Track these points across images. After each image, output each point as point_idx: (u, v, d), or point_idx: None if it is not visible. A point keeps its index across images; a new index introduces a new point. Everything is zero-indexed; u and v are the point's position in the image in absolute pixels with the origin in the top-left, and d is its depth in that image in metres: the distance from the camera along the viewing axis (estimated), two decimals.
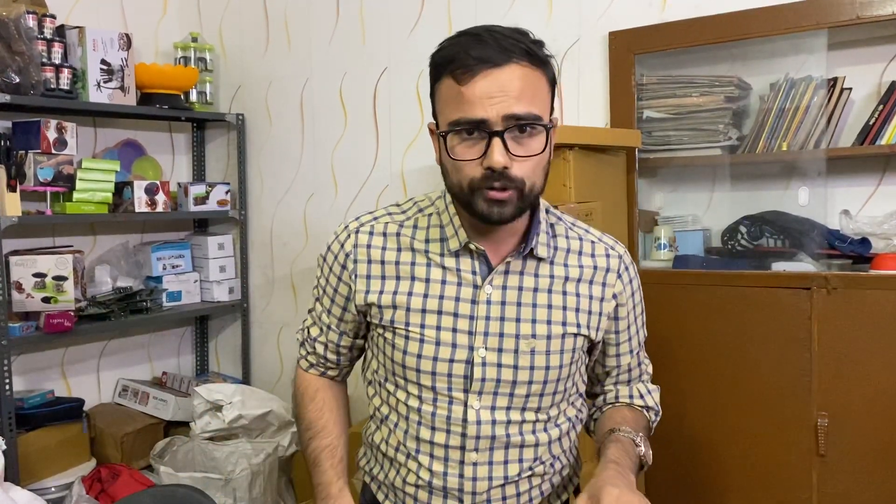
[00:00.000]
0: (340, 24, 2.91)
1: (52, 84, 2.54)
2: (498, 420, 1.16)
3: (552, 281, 1.19)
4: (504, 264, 1.17)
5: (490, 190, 1.07)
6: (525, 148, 1.07)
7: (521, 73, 1.06)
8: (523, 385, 1.16)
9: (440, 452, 1.18)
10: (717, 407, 2.17)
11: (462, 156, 1.08)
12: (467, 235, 1.16)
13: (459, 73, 1.06)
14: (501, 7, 2.56)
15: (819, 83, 2.11)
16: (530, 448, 1.20)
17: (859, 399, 1.97)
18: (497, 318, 1.16)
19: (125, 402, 2.97)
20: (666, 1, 2.30)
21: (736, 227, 2.24)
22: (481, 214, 1.10)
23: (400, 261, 1.20)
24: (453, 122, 1.07)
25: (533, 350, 1.16)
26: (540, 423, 1.20)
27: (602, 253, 1.24)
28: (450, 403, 1.16)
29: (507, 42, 1.06)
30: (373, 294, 1.20)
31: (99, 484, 2.56)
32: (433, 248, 1.19)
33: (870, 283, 1.95)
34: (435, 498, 1.19)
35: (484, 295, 1.16)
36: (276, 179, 3.13)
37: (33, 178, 2.48)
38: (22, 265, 2.50)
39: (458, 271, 1.17)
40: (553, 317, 1.18)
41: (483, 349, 1.15)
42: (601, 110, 2.41)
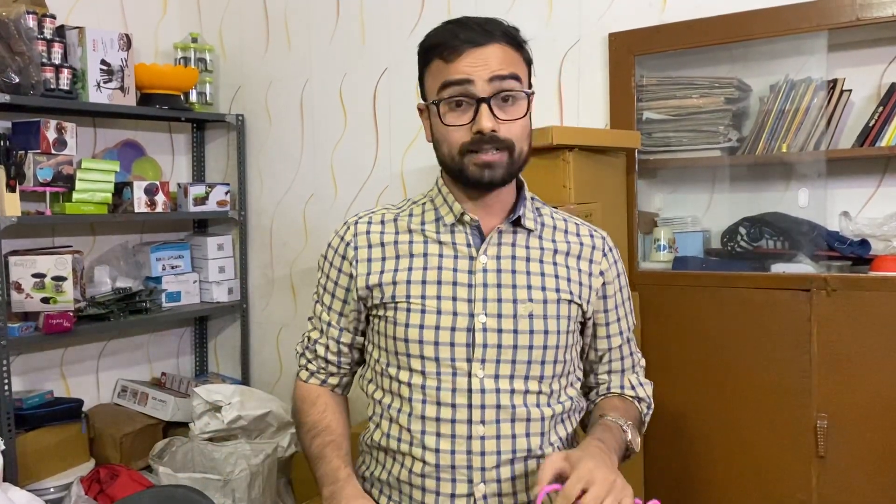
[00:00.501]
0: (340, 25, 2.91)
1: (52, 84, 2.54)
2: (502, 389, 1.19)
3: (542, 252, 1.27)
4: (496, 234, 1.25)
5: (481, 154, 1.17)
6: (509, 113, 1.19)
7: (502, 50, 1.20)
8: (524, 350, 1.21)
9: (447, 429, 1.19)
10: (716, 408, 2.17)
11: (453, 122, 1.18)
12: (461, 207, 1.24)
13: (447, 54, 1.18)
14: (501, 8, 2.56)
15: (819, 85, 2.11)
16: (536, 422, 1.21)
17: (859, 401, 1.97)
18: (494, 284, 1.22)
19: (124, 402, 2.97)
20: (666, 2, 2.30)
21: (735, 229, 2.24)
22: (472, 178, 1.19)
23: (398, 241, 1.27)
24: (442, 85, 1.18)
25: (531, 314, 1.21)
26: (543, 395, 1.23)
27: (587, 233, 1.33)
28: (454, 375, 1.19)
29: (488, 26, 1.20)
30: (374, 275, 1.25)
31: (98, 484, 2.56)
32: (429, 227, 1.27)
33: (869, 285, 1.95)
34: (443, 482, 1.19)
35: (480, 264, 1.23)
36: (276, 180, 3.13)
37: (33, 178, 2.47)
38: (21, 265, 2.50)
39: (454, 244, 1.24)
40: (547, 283, 1.24)
41: (483, 315, 1.20)
42: (601, 111, 2.41)
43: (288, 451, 2.69)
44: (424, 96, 1.26)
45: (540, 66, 2.51)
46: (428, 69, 1.23)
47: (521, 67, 1.23)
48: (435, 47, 1.20)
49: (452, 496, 1.19)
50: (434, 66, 1.21)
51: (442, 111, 1.19)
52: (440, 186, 1.29)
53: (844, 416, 1.99)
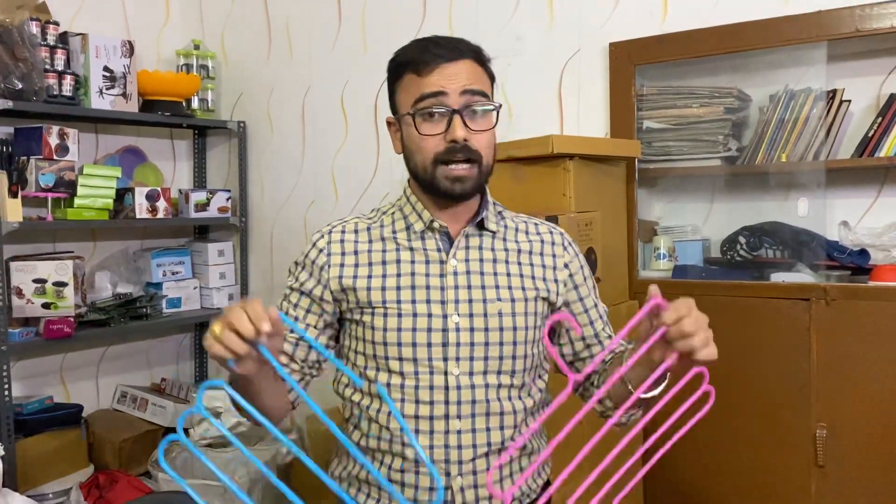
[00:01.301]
0: (342, 33, 2.93)
1: (55, 90, 2.55)
2: (477, 384, 1.25)
3: (507, 253, 1.33)
4: (464, 238, 1.31)
5: (452, 165, 1.24)
6: (479, 125, 1.25)
7: (471, 66, 1.27)
8: (495, 346, 1.27)
9: (425, 426, 1.25)
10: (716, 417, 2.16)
11: (428, 131, 1.24)
12: (430, 215, 1.30)
13: (420, 68, 1.25)
14: (502, 17, 2.58)
15: (818, 95, 2.12)
16: (510, 415, 1.28)
17: (858, 410, 1.97)
18: (464, 286, 1.28)
19: (124, 408, 2.97)
20: (666, 12, 2.31)
21: (735, 238, 2.24)
22: (444, 191, 1.25)
23: (371, 249, 1.32)
24: (417, 98, 1.24)
25: (500, 312, 1.28)
26: (515, 388, 1.29)
27: (546, 231, 1.40)
28: (431, 373, 1.25)
29: (458, 44, 1.28)
30: (348, 279, 1.30)
31: (97, 490, 2.56)
32: (400, 235, 1.32)
33: (868, 295, 1.95)
34: (422, 477, 1.25)
35: (450, 267, 1.29)
36: (277, 187, 3.13)
37: (35, 183, 2.48)
38: (22, 271, 2.50)
39: (425, 250, 1.30)
40: (513, 282, 1.31)
41: (456, 315, 1.26)
42: (601, 120, 2.42)
43: (288, 457, 2.69)
44: (395, 110, 1.32)
45: (541, 75, 2.53)
46: (400, 83, 1.29)
47: (488, 84, 1.31)
48: (407, 63, 1.27)
49: (431, 489, 1.25)
50: (406, 80, 1.27)
51: (417, 122, 1.25)
52: (408, 196, 1.35)
53: (844, 426, 1.99)
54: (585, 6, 2.43)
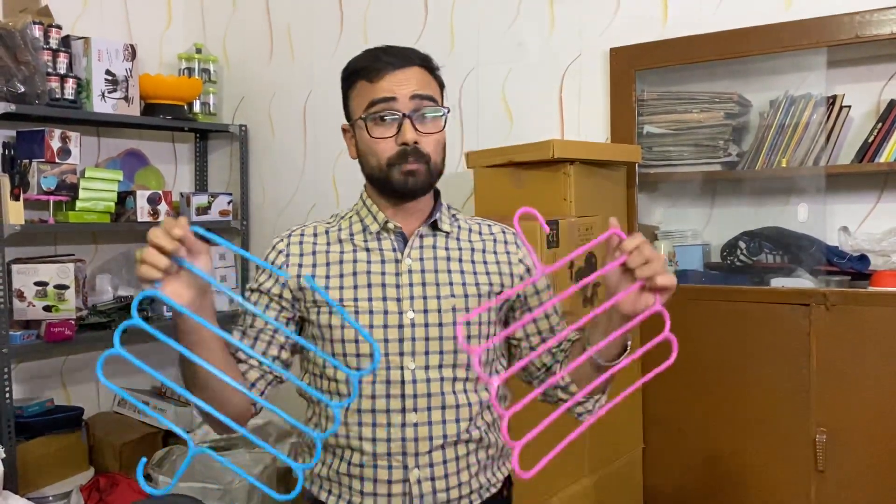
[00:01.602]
0: (344, 37, 2.93)
1: (57, 94, 2.56)
2: (432, 378, 1.29)
3: (460, 252, 1.38)
4: (417, 238, 1.36)
5: (405, 164, 1.29)
6: (428, 128, 1.32)
7: (420, 73, 1.33)
8: (450, 341, 1.31)
9: (382, 419, 1.28)
10: (715, 422, 2.17)
11: (380, 135, 1.30)
12: (385, 216, 1.35)
13: (371, 75, 1.30)
14: (503, 23, 2.58)
15: (818, 100, 2.12)
16: (465, 408, 1.31)
17: (858, 415, 1.97)
18: (419, 283, 1.32)
19: (124, 411, 2.97)
20: (667, 18, 2.32)
21: (735, 243, 2.25)
22: (398, 186, 1.31)
23: (329, 250, 1.36)
24: (369, 104, 1.30)
25: (454, 308, 1.31)
26: (470, 381, 1.33)
27: (499, 231, 1.44)
28: (387, 368, 1.29)
29: (407, 52, 1.33)
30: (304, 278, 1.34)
31: (97, 493, 2.56)
32: (357, 237, 1.37)
33: (868, 300, 1.96)
34: (380, 470, 1.28)
35: (405, 266, 1.33)
36: (278, 190, 3.14)
37: (37, 186, 2.49)
38: (24, 273, 2.51)
39: (381, 250, 1.35)
40: (467, 280, 1.35)
41: (411, 311, 1.30)
42: (602, 125, 2.42)
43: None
44: (349, 117, 1.37)
45: (541, 80, 2.53)
46: (352, 91, 1.35)
47: (437, 90, 1.36)
48: (359, 70, 1.33)
49: (389, 482, 1.29)
50: (358, 87, 1.33)
51: (369, 126, 1.30)
52: (364, 199, 1.40)
53: (843, 431, 1.99)
54: (586, 12, 2.44)
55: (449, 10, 2.70)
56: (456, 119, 2.67)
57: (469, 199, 2.59)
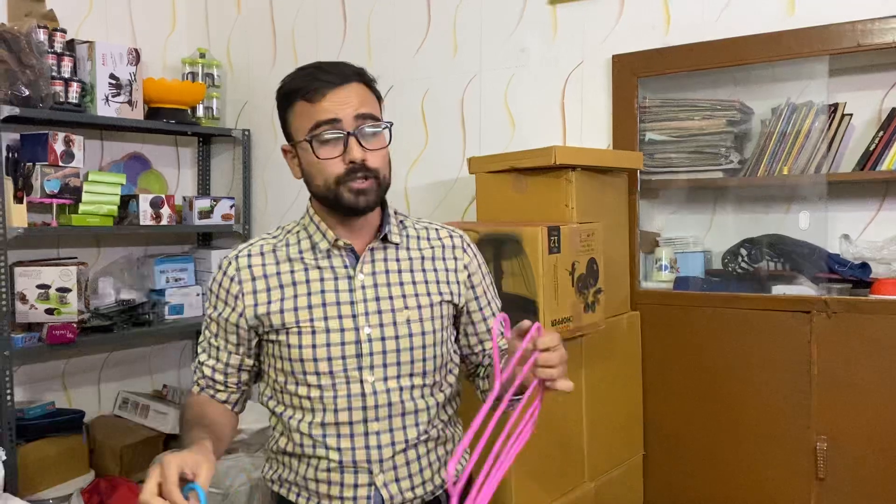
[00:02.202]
0: (347, 43, 2.94)
1: (61, 97, 2.57)
2: (391, 388, 1.33)
3: (411, 262, 1.40)
4: (368, 252, 1.37)
5: (354, 182, 1.29)
6: (373, 144, 1.32)
7: (359, 89, 1.33)
8: (406, 352, 1.34)
9: (346, 430, 1.32)
10: (715, 428, 2.17)
11: (327, 155, 1.30)
12: (334, 234, 1.36)
13: (310, 95, 1.30)
14: (506, 29, 2.59)
15: (820, 108, 2.13)
16: (423, 412, 1.37)
17: (858, 423, 1.97)
18: (373, 298, 1.35)
19: (125, 414, 2.97)
20: (669, 25, 2.33)
21: (737, 250, 2.25)
22: (348, 205, 1.31)
23: (280, 271, 1.36)
24: (313, 126, 1.30)
25: (408, 320, 1.35)
26: (427, 387, 1.37)
27: (446, 235, 1.47)
28: (347, 383, 1.32)
29: (343, 69, 1.34)
30: (261, 306, 1.35)
31: (98, 496, 2.56)
32: (307, 255, 1.37)
33: (869, 308, 1.96)
34: (346, 475, 1.33)
35: (358, 282, 1.35)
36: (280, 195, 3.15)
37: (40, 189, 2.50)
38: (26, 276, 2.51)
39: (332, 268, 1.36)
40: (419, 290, 1.38)
41: (367, 327, 1.33)
42: (604, 132, 2.43)
43: None
44: (289, 137, 1.38)
45: (544, 87, 2.54)
46: (291, 111, 1.34)
47: (376, 105, 1.36)
48: (296, 91, 1.32)
49: (355, 486, 1.33)
50: (298, 108, 1.32)
51: (315, 147, 1.30)
52: (311, 216, 1.39)
53: (844, 439, 1.99)
54: (589, 19, 2.45)
55: (452, 15, 2.71)
56: (458, 124, 2.68)
57: (471, 205, 2.59)
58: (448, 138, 2.70)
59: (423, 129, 2.76)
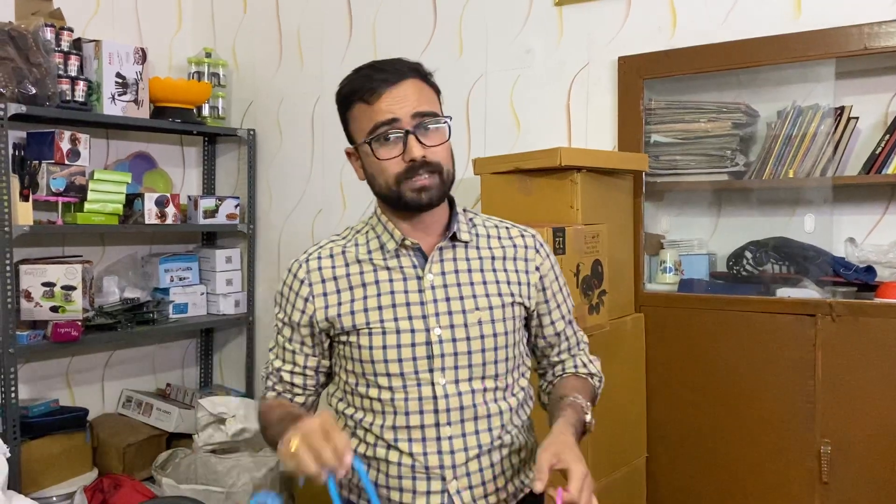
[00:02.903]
0: (353, 44, 2.95)
1: (68, 96, 2.58)
2: (463, 391, 1.31)
3: (481, 261, 1.37)
4: (437, 252, 1.35)
5: (416, 179, 1.28)
6: (433, 140, 1.30)
7: (416, 85, 1.31)
8: (478, 354, 1.31)
9: (417, 434, 1.30)
10: (719, 432, 2.17)
11: (386, 155, 1.28)
12: (402, 233, 1.34)
13: (367, 96, 1.29)
14: (512, 30, 2.59)
15: (826, 112, 2.12)
16: (496, 416, 1.33)
17: (863, 427, 1.97)
18: (443, 299, 1.32)
19: (129, 412, 2.98)
20: (675, 27, 2.32)
21: (741, 253, 2.24)
22: (411, 202, 1.29)
23: (350, 273, 1.36)
24: (372, 128, 1.28)
25: (480, 321, 1.32)
26: (499, 391, 1.34)
27: (517, 235, 1.44)
28: (418, 385, 1.30)
29: (399, 65, 1.32)
30: (332, 308, 1.34)
31: (101, 494, 2.56)
32: (375, 256, 1.36)
33: (874, 312, 1.95)
34: (419, 481, 1.30)
35: (427, 282, 1.33)
36: (286, 194, 3.15)
37: (46, 187, 2.50)
38: (31, 274, 2.52)
39: (401, 268, 1.34)
40: (490, 290, 1.35)
41: (438, 328, 1.31)
42: (609, 134, 2.43)
43: None
44: (351, 140, 1.37)
45: (549, 88, 2.54)
46: (350, 114, 1.34)
47: (435, 100, 1.35)
48: (354, 93, 1.31)
49: (428, 493, 1.30)
50: (357, 110, 1.31)
51: (374, 148, 1.29)
52: (378, 216, 1.38)
53: (848, 443, 1.98)
54: (595, 20, 2.45)
55: (458, 17, 2.71)
56: (463, 126, 2.68)
57: (476, 206, 2.59)
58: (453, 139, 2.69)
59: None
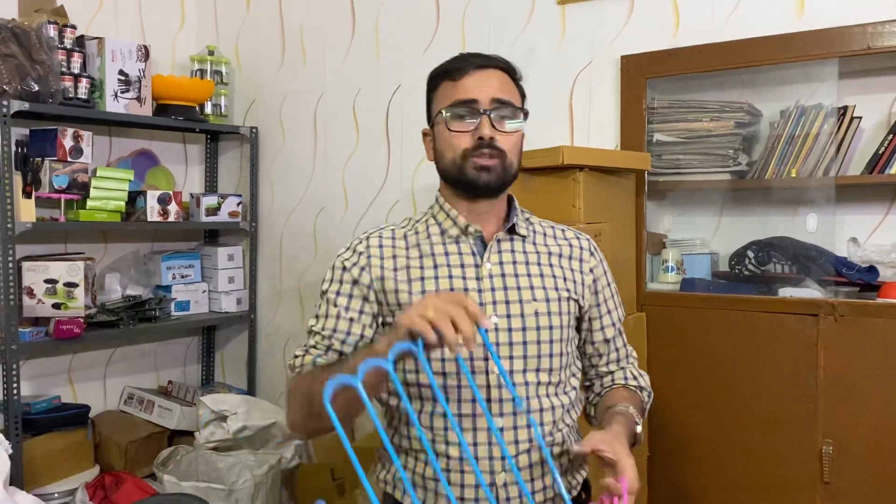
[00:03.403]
0: (356, 42, 2.95)
1: (71, 93, 2.58)
2: (517, 383, 1.30)
3: (538, 255, 1.39)
4: (496, 242, 1.36)
5: (479, 158, 1.30)
6: (506, 127, 1.32)
7: (501, 76, 1.35)
8: (533, 345, 1.31)
9: (468, 423, 1.28)
10: (721, 431, 2.16)
11: (458, 128, 1.31)
12: (465, 220, 1.36)
13: (454, 75, 1.33)
14: (515, 29, 2.59)
15: (829, 111, 2.12)
16: (548, 412, 1.32)
17: (864, 427, 1.96)
18: (501, 287, 1.32)
19: (130, 409, 2.98)
20: (678, 26, 2.32)
21: (744, 252, 2.24)
22: (471, 179, 1.31)
23: (409, 255, 1.36)
24: (451, 104, 1.32)
25: (536, 312, 1.32)
26: (552, 385, 1.34)
27: (572, 236, 1.46)
28: (472, 373, 1.29)
29: (492, 57, 1.36)
30: (389, 281, 1.34)
31: (102, 491, 2.57)
32: (435, 241, 1.37)
33: (877, 312, 1.95)
34: (466, 474, 1.28)
35: (485, 270, 1.34)
36: (288, 193, 3.15)
37: (48, 184, 2.50)
38: (34, 271, 2.52)
39: (460, 254, 1.35)
40: (546, 283, 1.36)
41: (494, 316, 1.30)
42: (612, 132, 2.42)
43: (292, 462, 2.70)
44: (430, 118, 1.40)
45: (552, 87, 2.54)
46: (435, 93, 1.38)
47: (517, 96, 1.37)
48: (442, 73, 1.36)
49: (476, 486, 1.28)
50: (442, 88, 1.36)
51: (448, 120, 1.32)
52: (441, 203, 1.40)
53: (850, 443, 1.98)
54: (597, 19, 2.45)
55: (460, 15, 2.70)
56: None
57: None
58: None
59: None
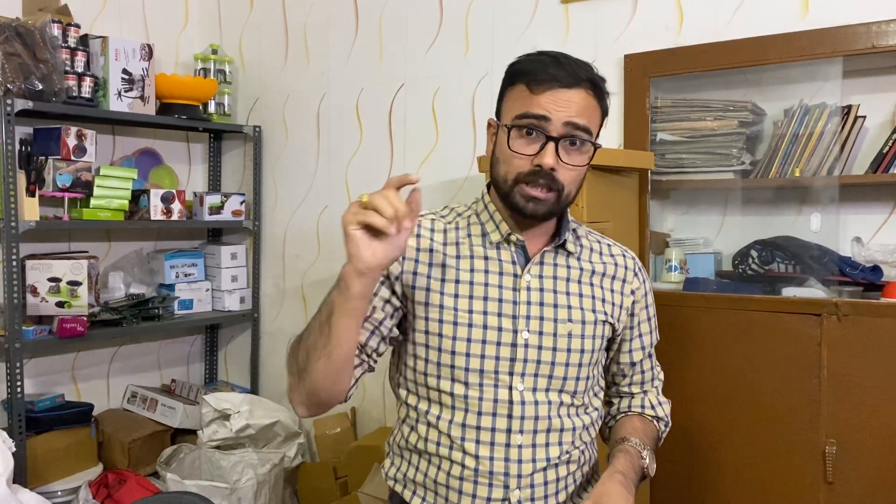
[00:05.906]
0: (359, 41, 2.95)
1: (74, 92, 2.58)
2: (540, 401, 1.26)
3: (581, 273, 1.33)
4: (541, 255, 1.30)
5: (532, 186, 1.21)
6: (572, 158, 1.23)
7: (585, 97, 1.23)
8: (561, 367, 1.27)
9: (486, 437, 1.25)
10: (724, 431, 2.16)
11: (519, 149, 1.22)
12: (508, 227, 1.29)
13: (533, 84, 1.22)
14: (518, 27, 2.59)
15: (833, 110, 2.11)
16: (568, 432, 1.29)
17: (868, 427, 1.96)
18: (537, 303, 1.27)
19: (133, 408, 2.99)
20: (682, 25, 2.32)
21: (747, 252, 2.24)
22: (517, 206, 1.24)
23: (447, 253, 1.30)
24: (520, 115, 1.22)
25: (570, 333, 1.28)
26: (574, 407, 1.31)
27: (619, 254, 1.40)
28: (496, 386, 1.25)
29: (579, 70, 1.23)
30: (421, 277, 1.28)
31: (105, 489, 2.57)
32: (476, 242, 1.31)
33: (880, 311, 1.94)
34: (480, 486, 1.25)
35: (524, 282, 1.28)
36: (291, 191, 3.15)
37: (52, 183, 2.51)
38: (37, 269, 2.53)
39: (500, 261, 1.29)
40: (584, 304, 1.31)
41: (526, 332, 1.26)
42: (615, 131, 2.42)
43: (295, 461, 2.70)
44: (498, 114, 1.30)
45: None
46: (511, 91, 1.27)
47: (596, 119, 1.26)
48: (524, 73, 1.24)
49: (489, 500, 1.25)
50: (517, 91, 1.25)
51: (512, 135, 1.23)
52: (486, 203, 1.33)
53: (853, 442, 1.98)
54: (601, 18, 2.44)
55: (464, 14, 2.70)
56: (469, 123, 2.68)
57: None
58: (458, 137, 2.69)
59: (433, 128, 2.76)
